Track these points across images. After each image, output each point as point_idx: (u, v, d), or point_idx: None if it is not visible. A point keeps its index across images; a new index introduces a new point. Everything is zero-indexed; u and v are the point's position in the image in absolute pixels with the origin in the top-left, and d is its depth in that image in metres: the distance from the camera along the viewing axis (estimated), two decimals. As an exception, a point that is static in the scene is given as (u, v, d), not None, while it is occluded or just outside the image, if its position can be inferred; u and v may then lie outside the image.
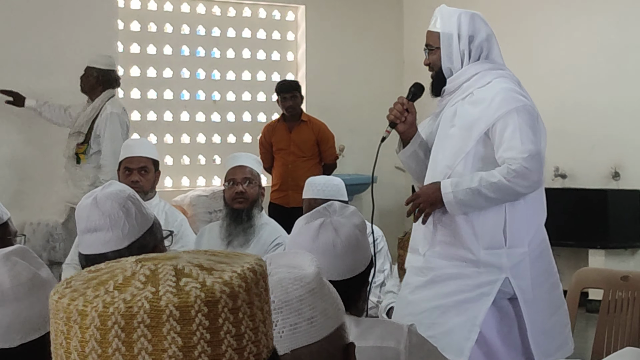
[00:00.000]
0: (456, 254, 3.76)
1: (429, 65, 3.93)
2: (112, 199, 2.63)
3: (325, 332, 1.66)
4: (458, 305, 3.72)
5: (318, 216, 2.59)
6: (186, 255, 1.32)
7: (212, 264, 1.29)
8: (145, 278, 1.25)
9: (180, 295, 1.22)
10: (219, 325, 1.25)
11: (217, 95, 9.42)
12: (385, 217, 8.43)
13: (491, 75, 3.84)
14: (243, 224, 5.22)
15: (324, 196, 5.01)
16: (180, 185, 9.16)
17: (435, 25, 3.91)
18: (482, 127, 3.73)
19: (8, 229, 3.34)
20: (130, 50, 8.91)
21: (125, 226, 2.59)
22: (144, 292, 1.23)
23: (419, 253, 3.83)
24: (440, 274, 3.77)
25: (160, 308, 1.21)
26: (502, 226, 3.77)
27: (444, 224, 3.77)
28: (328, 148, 8.35)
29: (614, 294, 4.62)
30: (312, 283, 1.67)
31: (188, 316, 1.22)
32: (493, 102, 3.74)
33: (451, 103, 3.84)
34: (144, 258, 1.31)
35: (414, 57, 10.13)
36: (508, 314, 3.78)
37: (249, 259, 1.35)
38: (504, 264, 3.75)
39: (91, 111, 7.18)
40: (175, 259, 1.30)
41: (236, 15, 9.52)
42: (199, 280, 1.25)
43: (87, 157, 7.13)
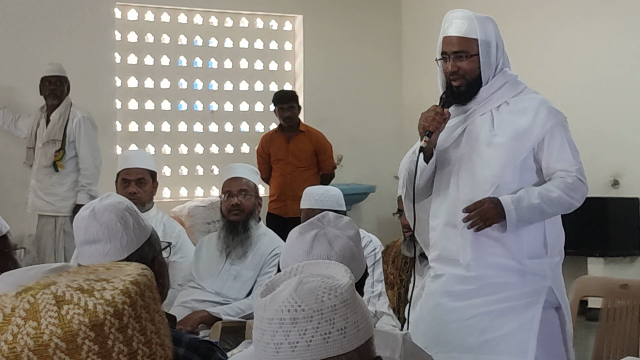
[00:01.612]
0: (502, 263, 3.69)
1: (456, 73, 3.74)
2: (109, 211, 2.62)
3: (356, 344, 1.65)
4: (510, 311, 3.66)
5: (312, 228, 2.56)
6: (65, 278, 1.28)
7: (92, 284, 1.26)
8: (26, 312, 1.22)
9: (63, 326, 1.20)
10: (109, 347, 1.22)
11: (215, 105, 9.41)
12: (383, 226, 8.42)
13: (519, 84, 3.81)
14: (240, 235, 5.20)
15: (321, 206, 4.97)
16: (178, 195, 9.14)
17: (469, 31, 3.70)
18: (534, 139, 3.68)
19: (7, 241, 3.32)
20: (128, 61, 8.90)
21: (123, 238, 2.59)
22: (26, 328, 1.20)
23: (459, 263, 3.72)
24: (488, 283, 3.68)
25: (45, 342, 1.19)
26: (543, 236, 3.75)
27: (488, 234, 3.68)
28: (326, 158, 8.33)
29: (614, 302, 4.60)
30: (345, 294, 1.66)
31: (75, 345, 1.19)
32: (540, 114, 3.70)
33: (480, 112, 3.76)
34: (24, 289, 1.27)
35: (412, 66, 10.14)
36: (552, 323, 3.73)
37: (130, 271, 1.32)
38: (547, 273, 3.72)
39: (59, 118, 7.22)
40: (54, 285, 1.26)
41: (233, 26, 9.52)
42: (80, 305, 1.22)
43: (64, 164, 7.16)
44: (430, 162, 3.77)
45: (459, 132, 3.77)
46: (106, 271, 1.32)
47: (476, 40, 3.70)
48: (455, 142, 3.78)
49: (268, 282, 1.77)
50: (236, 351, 3.55)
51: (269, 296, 1.68)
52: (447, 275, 3.76)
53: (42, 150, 7.25)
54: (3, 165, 7.90)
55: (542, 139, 3.70)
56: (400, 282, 4.70)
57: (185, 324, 4.92)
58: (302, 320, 1.62)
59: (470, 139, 3.73)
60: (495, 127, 3.69)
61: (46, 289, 1.25)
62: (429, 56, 9.74)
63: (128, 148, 8.60)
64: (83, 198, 7.01)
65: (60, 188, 7.19)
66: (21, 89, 7.83)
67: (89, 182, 7.17)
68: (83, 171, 7.18)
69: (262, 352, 1.66)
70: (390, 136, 10.13)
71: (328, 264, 1.81)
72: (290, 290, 1.65)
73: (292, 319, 1.62)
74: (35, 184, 7.28)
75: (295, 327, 1.62)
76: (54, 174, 7.19)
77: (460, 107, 3.79)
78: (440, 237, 3.82)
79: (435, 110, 3.70)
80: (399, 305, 4.70)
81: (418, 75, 10.03)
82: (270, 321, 1.64)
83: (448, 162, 3.79)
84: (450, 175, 3.78)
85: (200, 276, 5.28)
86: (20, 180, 7.60)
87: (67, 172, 7.21)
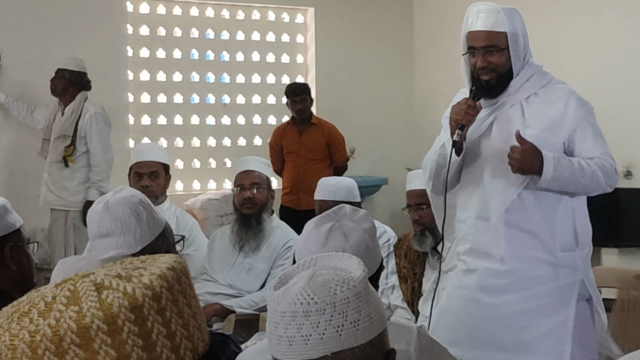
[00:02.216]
0: (535, 256, 3.65)
1: (486, 68, 3.68)
2: (123, 204, 2.63)
3: (369, 336, 1.66)
4: (546, 309, 3.63)
5: (327, 220, 2.57)
6: (102, 269, 1.32)
7: (129, 272, 1.29)
8: (67, 299, 1.25)
9: (104, 308, 1.23)
10: (149, 328, 1.25)
11: (227, 98, 9.41)
12: (396, 218, 8.42)
13: (546, 74, 3.78)
14: (253, 228, 5.21)
15: (335, 198, 4.97)
16: (191, 188, 9.15)
17: (497, 24, 3.64)
18: (567, 130, 3.66)
19: (21, 235, 3.33)
20: (140, 55, 8.90)
21: (137, 231, 2.59)
22: (68, 312, 1.23)
23: (493, 256, 3.67)
24: (521, 277, 3.64)
25: (87, 325, 1.22)
26: (573, 228, 3.72)
27: (521, 227, 3.65)
28: (338, 150, 8.33)
29: (628, 293, 4.60)
30: (358, 287, 1.67)
31: (116, 327, 1.23)
32: (570, 104, 3.68)
33: (510, 103, 3.71)
34: (63, 280, 1.30)
35: (423, 58, 10.12)
36: (584, 316, 3.71)
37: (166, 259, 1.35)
38: (578, 265, 3.70)
39: (72, 114, 7.22)
40: (92, 274, 1.29)
41: (245, 19, 9.51)
42: (120, 290, 1.25)
43: (74, 159, 7.17)
44: (461, 155, 3.72)
45: (488, 124, 3.73)
46: (142, 263, 1.37)
47: (504, 33, 3.64)
48: (485, 134, 3.74)
49: (281, 274, 1.77)
50: (250, 343, 3.55)
51: (282, 289, 1.68)
52: (481, 269, 3.71)
53: (53, 145, 7.25)
54: (17, 159, 7.93)
55: (574, 129, 3.68)
56: (413, 276, 4.69)
57: (199, 317, 4.93)
58: (314, 313, 1.63)
59: (500, 131, 3.69)
60: (527, 119, 3.66)
61: (85, 277, 1.29)
62: (440, 48, 9.78)
63: (141, 141, 8.61)
64: (93, 194, 7.01)
65: (70, 182, 7.20)
66: (35, 82, 7.85)
67: (100, 179, 7.17)
68: (94, 167, 7.18)
69: (276, 345, 1.67)
70: (402, 128, 10.12)
71: (341, 256, 1.81)
72: (303, 283, 1.66)
73: (305, 312, 1.63)
74: (47, 177, 7.30)
75: (308, 320, 1.62)
76: (64, 169, 7.20)
77: (489, 99, 3.74)
78: (471, 230, 3.76)
79: (467, 104, 3.63)
80: (413, 299, 4.69)
81: (429, 67, 10.02)
82: (283, 314, 1.65)
83: (478, 154, 3.75)
84: (480, 167, 3.74)
85: (214, 269, 5.29)
86: (33, 174, 7.62)
87: (79, 167, 7.21)
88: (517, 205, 3.65)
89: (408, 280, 4.71)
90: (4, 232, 3.28)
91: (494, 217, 3.65)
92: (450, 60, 9.68)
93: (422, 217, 4.52)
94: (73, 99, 7.29)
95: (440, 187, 3.79)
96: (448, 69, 9.68)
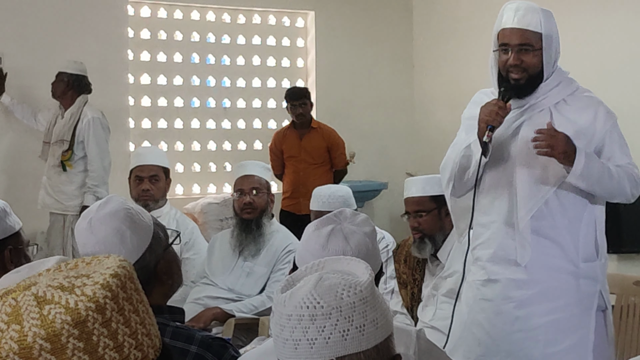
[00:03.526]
0: (558, 265, 3.61)
1: (518, 66, 3.61)
2: (106, 224, 2.58)
3: (375, 341, 1.66)
4: (570, 320, 3.60)
5: (328, 223, 2.57)
6: (46, 277, 1.28)
7: (72, 281, 1.25)
8: (8, 316, 1.22)
9: (45, 326, 1.19)
10: (95, 342, 1.21)
11: (228, 102, 9.42)
12: (396, 223, 8.41)
13: (573, 82, 3.75)
14: (253, 233, 5.20)
15: (329, 208, 4.86)
16: (191, 192, 9.15)
17: (534, 24, 3.58)
18: (596, 139, 3.63)
19: (20, 238, 3.33)
20: (141, 58, 8.91)
21: (121, 251, 2.53)
22: (9, 332, 1.20)
23: (516, 264, 3.62)
24: (544, 288, 3.60)
25: (29, 345, 1.18)
26: (595, 237, 3.69)
27: (547, 235, 3.61)
28: (339, 154, 8.33)
29: (627, 299, 4.59)
30: (364, 292, 1.67)
31: (60, 344, 1.19)
32: (599, 114, 3.66)
33: (538, 107, 3.66)
34: (5, 292, 1.27)
35: (423, 62, 10.12)
36: (601, 326, 3.67)
37: (110, 263, 1.31)
38: (598, 277, 3.67)
39: (70, 118, 7.22)
40: (34, 286, 1.25)
41: (246, 22, 9.52)
42: (61, 304, 1.22)
43: (72, 164, 7.17)
44: (488, 157, 3.63)
45: (516, 127, 3.67)
46: (86, 266, 1.31)
47: (540, 34, 3.60)
48: (512, 137, 3.68)
49: (289, 277, 1.77)
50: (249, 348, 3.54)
51: (288, 292, 1.68)
52: (504, 280, 3.66)
53: (52, 149, 7.25)
54: (17, 162, 7.93)
55: (602, 139, 3.65)
56: (413, 282, 4.68)
57: (198, 321, 4.92)
58: (320, 317, 1.63)
59: (529, 136, 3.60)
60: (556, 126, 3.58)
61: (27, 290, 1.25)
62: (440, 53, 9.77)
63: (141, 145, 8.62)
64: (89, 199, 7.01)
65: (69, 187, 7.20)
66: (36, 85, 7.85)
67: (95, 184, 7.15)
68: (90, 172, 7.17)
69: (281, 348, 1.67)
70: (402, 133, 10.12)
71: (349, 260, 1.81)
72: (310, 286, 1.66)
73: (311, 316, 1.63)
74: (46, 181, 7.30)
75: (313, 324, 1.63)
76: (62, 173, 7.20)
77: (517, 100, 3.67)
78: (495, 236, 3.70)
79: (497, 105, 3.56)
80: (412, 305, 4.68)
81: (429, 71, 10.02)
82: (289, 317, 1.65)
83: (504, 158, 3.68)
84: (507, 171, 3.67)
85: (213, 273, 5.29)
86: (33, 177, 7.61)
87: (76, 171, 7.20)
88: (543, 212, 3.61)
89: (408, 286, 4.71)
90: (4, 235, 3.27)
91: (521, 223, 3.60)
92: (450, 64, 9.70)
93: (421, 224, 4.50)
94: (73, 102, 7.29)
95: (461, 190, 3.75)
96: (448, 74, 9.69)
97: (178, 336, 2.50)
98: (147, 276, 2.51)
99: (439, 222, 4.49)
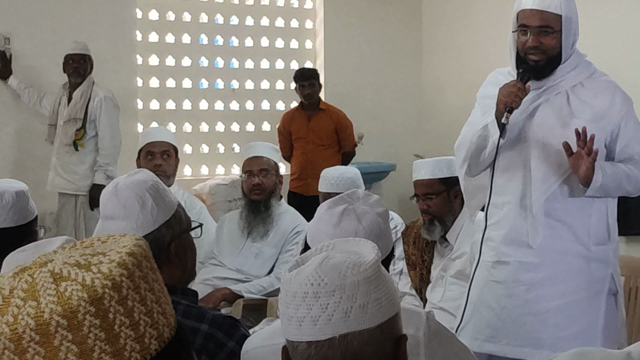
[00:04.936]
0: (570, 248, 3.61)
1: (537, 48, 3.58)
2: (130, 189, 2.62)
3: (378, 320, 1.66)
4: (580, 305, 3.60)
5: (341, 202, 2.58)
6: (61, 255, 1.28)
7: (88, 259, 1.26)
8: (24, 292, 1.22)
9: (62, 303, 1.19)
10: (111, 320, 1.22)
11: (236, 83, 9.41)
12: (404, 205, 8.40)
13: (590, 65, 3.73)
14: (261, 214, 5.20)
15: (337, 190, 4.86)
16: (199, 173, 9.16)
17: (554, 6, 3.55)
18: (612, 123, 3.62)
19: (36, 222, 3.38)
20: (149, 39, 8.90)
21: (139, 217, 2.58)
22: (26, 308, 1.20)
23: (528, 246, 3.63)
24: (555, 271, 3.60)
25: (46, 321, 1.19)
26: (606, 221, 3.68)
27: (558, 217, 3.61)
28: (347, 136, 8.33)
29: (636, 281, 4.60)
30: (369, 270, 1.68)
31: (76, 321, 1.19)
32: (616, 98, 3.65)
33: (555, 90, 3.65)
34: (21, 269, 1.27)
35: (432, 44, 10.10)
36: (611, 310, 3.67)
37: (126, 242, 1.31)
38: (610, 260, 3.67)
39: (81, 97, 7.25)
40: (50, 263, 1.26)
41: (254, 4, 9.50)
42: (78, 281, 1.22)
43: (84, 143, 7.19)
44: (505, 138, 3.62)
45: (532, 108, 3.66)
46: (102, 244, 1.32)
47: (560, 16, 3.57)
48: (529, 119, 3.67)
49: (297, 257, 1.78)
50: (258, 328, 3.56)
51: (295, 270, 1.70)
52: (514, 263, 3.66)
53: (63, 129, 7.28)
54: (25, 144, 7.94)
55: (618, 125, 3.64)
56: (422, 263, 4.69)
57: (207, 302, 4.94)
58: (324, 294, 1.64)
59: (546, 118, 3.63)
60: (573, 108, 3.60)
61: (43, 267, 1.25)
62: (449, 35, 9.74)
63: (149, 126, 8.62)
64: (100, 178, 7.05)
65: (80, 167, 7.23)
66: (45, 67, 7.87)
67: (107, 162, 7.20)
68: (101, 151, 7.22)
69: (287, 326, 1.69)
70: (411, 115, 10.11)
71: (358, 241, 1.82)
72: (315, 265, 1.67)
73: (315, 293, 1.65)
74: (56, 162, 7.32)
75: (317, 302, 1.64)
76: (74, 153, 7.23)
77: (534, 82, 3.65)
78: (507, 217, 3.69)
79: (517, 86, 3.55)
80: (421, 286, 4.69)
81: (438, 53, 10.00)
82: (294, 295, 1.67)
83: (521, 140, 3.68)
84: (523, 153, 3.67)
85: (222, 254, 5.30)
86: (41, 158, 7.64)
87: (88, 150, 7.24)
88: (556, 195, 3.61)
89: (417, 267, 4.72)
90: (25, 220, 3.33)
91: (535, 205, 3.60)
92: (459, 47, 9.68)
93: (431, 206, 4.51)
94: (82, 82, 7.33)
95: (476, 170, 3.75)
96: (457, 56, 9.67)
97: (189, 315, 2.51)
98: (158, 251, 2.53)
99: (448, 204, 4.49)
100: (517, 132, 3.67)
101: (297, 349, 1.68)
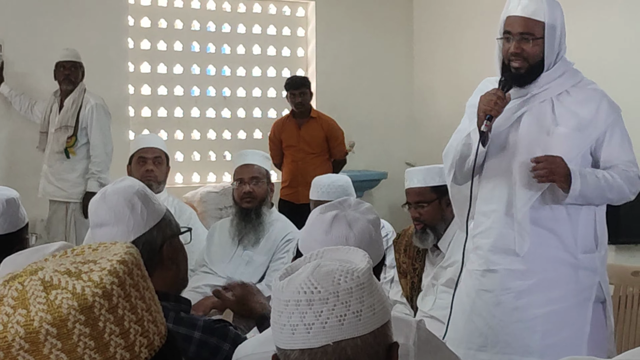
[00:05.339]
0: (557, 256, 3.62)
1: (519, 55, 3.60)
2: (119, 194, 2.63)
3: (371, 327, 1.67)
4: (567, 312, 3.61)
5: (332, 209, 2.58)
6: (52, 262, 1.28)
7: (79, 267, 1.25)
8: (14, 300, 1.22)
9: (52, 311, 1.19)
10: (101, 328, 1.22)
11: (228, 91, 9.41)
12: (396, 213, 8.41)
13: (577, 73, 3.74)
14: (252, 222, 5.20)
15: (329, 198, 4.85)
16: (190, 181, 9.15)
17: (537, 13, 3.58)
18: (597, 132, 3.62)
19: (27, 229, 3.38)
20: (141, 47, 8.90)
21: (130, 221, 2.59)
22: (15, 316, 1.20)
23: (515, 254, 3.63)
24: (543, 278, 3.60)
25: (35, 329, 1.19)
26: (594, 228, 3.69)
27: (545, 225, 3.62)
28: (337, 144, 8.33)
29: (625, 290, 4.61)
30: (362, 277, 1.68)
31: (66, 330, 1.19)
32: (602, 106, 3.66)
33: (540, 98, 3.65)
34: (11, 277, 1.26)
35: (423, 52, 10.12)
36: (598, 318, 3.68)
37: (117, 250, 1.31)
38: (597, 268, 3.67)
39: (72, 104, 7.24)
40: (41, 270, 1.26)
41: (246, 12, 9.51)
42: (68, 289, 1.21)
43: (75, 150, 7.19)
44: (486, 146, 3.64)
45: (517, 116, 3.67)
46: (93, 252, 1.32)
47: (543, 23, 3.58)
48: (514, 126, 3.67)
49: (287, 266, 1.79)
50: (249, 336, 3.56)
51: (286, 279, 1.70)
52: (502, 271, 3.66)
53: (55, 136, 7.27)
54: (16, 151, 7.93)
55: (603, 133, 3.64)
56: (413, 271, 4.69)
57: (197, 309, 4.93)
58: (317, 302, 1.64)
59: (530, 126, 3.64)
60: (557, 117, 3.61)
61: (33, 275, 1.25)
62: (440, 43, 9.76)
63: (141, 133, 8.61)
64: (93, 185, 7.05)
65: (71, 174, 7.22)
66: (36, 74, 7.87)
67: (99, 170, 7.20)
68: (94, 158, 7.22)
69: (279, 334, 1.69)
70: (402, 123, 10.12)
71: (348, 249, 1.83)
72: (308, 272, 1.68)
73: (308, 301, 1.65)
74: (47, 169, 7.31)
75: (311, 309, 1.64)
76: (65, 160, 7.23)
77: (519, 89, 3.66)
78: (495, 225, 3.70)
79: (497, 94, 3.56)
80: (412, 294, 4.69)
81: (429, 61, 10.02)
82: (287, 303, 1.67)
83: (504, 147, 3.68)
84: (507, 160, 3.67)
85: (213, 261, 5.29)
86: (32, 165, 7.63)
87: (79, 158, 7.24)
88: (542, 203, 3.62)
89: (408, 275, 4.71)
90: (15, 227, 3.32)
91: (520, 213, 3.60)
92: (450, 54, 9.69)
93: (422, 215, 4.51)
94: (74, 90, 7.32)
95: (462, 178, 3.75)
96: (448, 64, 9.68)
97: (181, 322, 2.51)
98: (151, 254, 2.53)
99: (440, 212, 4.49)
100: (502, 140, 3.68)
101: (290, 357, 1.67)
